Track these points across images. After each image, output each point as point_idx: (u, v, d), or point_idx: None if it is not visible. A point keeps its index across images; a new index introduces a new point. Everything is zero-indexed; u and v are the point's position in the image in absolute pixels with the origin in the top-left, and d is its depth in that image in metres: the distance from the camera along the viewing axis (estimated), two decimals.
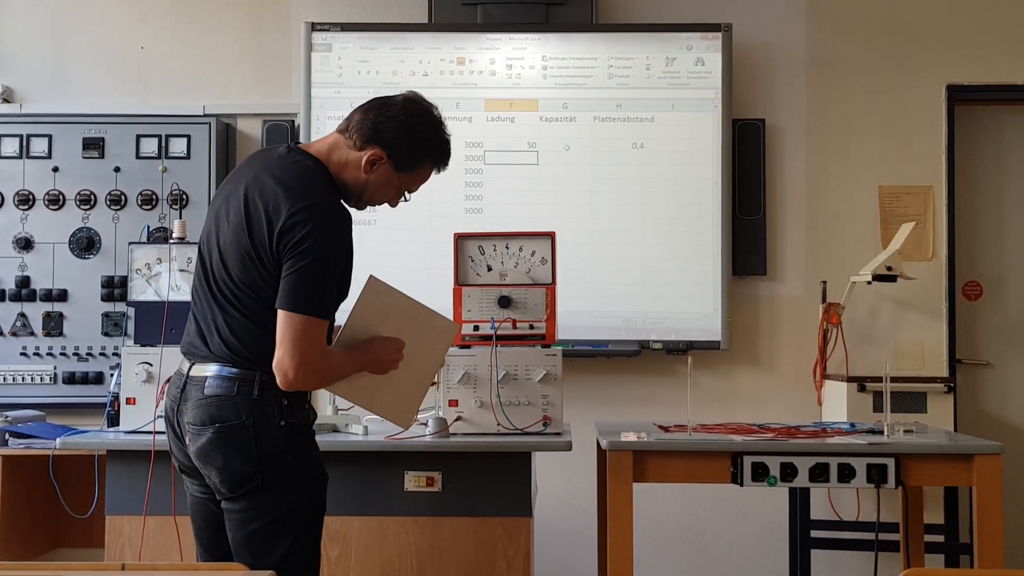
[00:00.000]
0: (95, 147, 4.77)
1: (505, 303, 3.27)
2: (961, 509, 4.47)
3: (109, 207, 4.77)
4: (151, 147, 4.77)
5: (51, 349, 4.73)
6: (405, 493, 3.17)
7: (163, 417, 2.77)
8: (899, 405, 4.19)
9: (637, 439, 3.17)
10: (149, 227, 3.77)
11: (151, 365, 3.21)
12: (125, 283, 4.25)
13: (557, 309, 3.31)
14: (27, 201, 4.77)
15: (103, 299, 4.75)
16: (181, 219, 3.43)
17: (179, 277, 3.29)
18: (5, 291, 4.74)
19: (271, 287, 2.56)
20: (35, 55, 4.98)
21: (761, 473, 3.11)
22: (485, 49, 4.80)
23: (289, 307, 2.52)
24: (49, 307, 4.74)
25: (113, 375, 3.61)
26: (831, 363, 4.70)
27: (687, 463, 3.17)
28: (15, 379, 4.71)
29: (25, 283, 4.74)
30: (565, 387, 3.28)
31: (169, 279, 3.29)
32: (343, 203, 2.68)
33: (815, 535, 4.42)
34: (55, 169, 4.78)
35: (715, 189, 4.73)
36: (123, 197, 4.77)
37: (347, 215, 2.63)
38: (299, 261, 2.52)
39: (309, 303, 2.52)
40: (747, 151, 4.81)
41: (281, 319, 2.52)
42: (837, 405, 4.44)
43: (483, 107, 4.78)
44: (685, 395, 3.53)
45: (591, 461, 3.99)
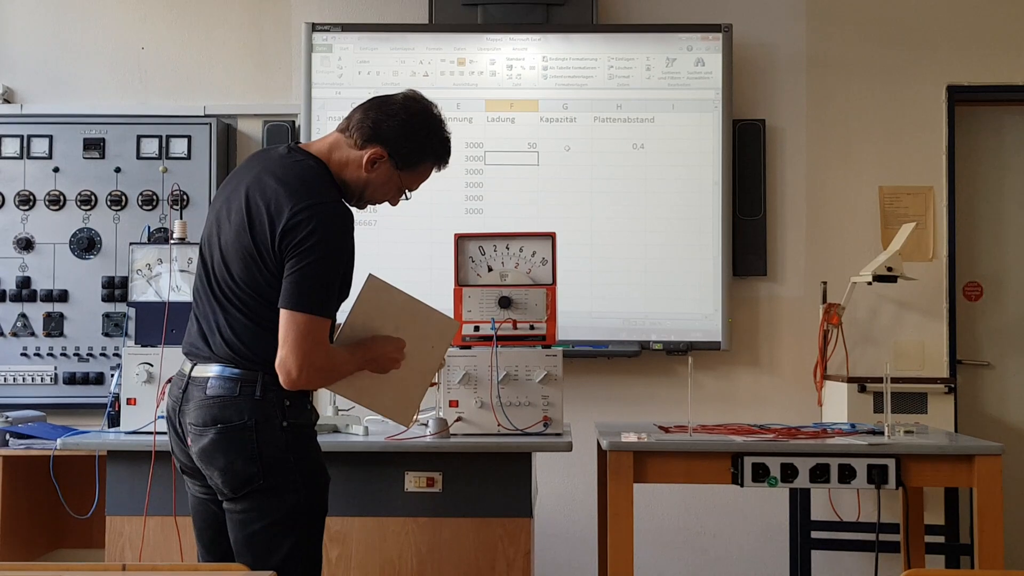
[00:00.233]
0: (96, 148, 4.77)
1: (505, 303, 3.27)
2: (962, 510, 4.47)
3: (110, 207, 4.77)
4: (152, 147, 4.77)
5: (52, 349, 4.73)
6: (405, 494, 3.17)
7: (164, 418, 2.77)
8: (899, 406, 4.20)
9: (637, 440, 3.17)
10: (150, 227, 3.77)
11: (152, 365, 3.21)
12: (126, 283, 4.25)
13: (557, 309, 3.31)
14: (28, 201, 4.77)
15: (104, 299, 4.75)
16: (182, 220, 3.43)
17: (179, 278, 3.29)
18: (6, 291, 4.75)
19: (273, 287, 2.56)
20: (36, 56, 4.98)
21: (761, 474, 3.11)
22: (485, 50, 4.80)
23: (291, 306, 2.52)
24: (50, 307, 4.74)
25: (114, 375, 3.61)
26: (831, 364, 4.70)
27: (687, 464, 3.17)
28: (16, 379, 4.71)
29: (26, 283, 4.75)
30: (565, 388, 3.28)
31: (170, 279, 3.29)
32: (345, 202, 2.69)
33: (815, 536, 4.42)
34: (56, 169, 4.78)
35: (715, 190, 4.73)
36: (124, 197, 4.77)
37: (349, 214, 2.63)
38: (301, 260, 2.52)
39: (312, 302, 2.52)
40: (747, 152, 4.81)
41: (284, 318, 2.52)
42: (837, 406, 4.44)
43: (483, 107, 4.78)
44: (685, 396, 3.53)
45: (591, 462, 3.99)
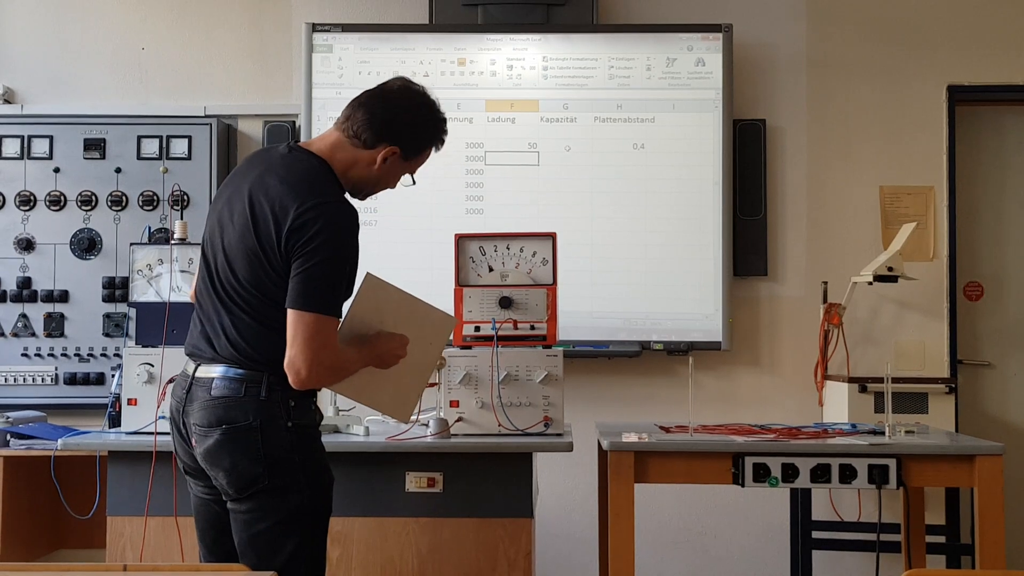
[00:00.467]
0: (96, 148, 4.77)
1: (506, 304, 3.27)
2: (962, 510, 4.47)
3: (110, 208, 4.77)
4: (152, 148, 4.77)
5: (52, 350, 4.73)
6: (406, 494, 3.17)
7: (165, 418, 2.77)
8: (900, 406, 4.19)
9: (638, 440, 3.17)
10: (150, 228, 3.76)
11: (152, 366, 3.21)
12: (126, 284, 4.24)
13: (558, 310, 3.31)
14: (28, 202, 4.77)
15: (104, 300, 4.75)
16: (182, 220, 3.43)
17: (180, 278, 3.29)
18: (6, 292, 4.75)
19: (279, 287, 2.56)
20: (36, 56, 4.98)
21: (762, 474, 3.11)
22: (486, 50, 4.80)
23: (299, 306, 2.52)
24: (50, 308, 4.74)
25: (114, 376, 3.61)
26: (832, 364, 4.70)
27: (688, 464, 3.17)
28: (16, 380, 4.71)
29: (26, 284, 4.75)
30: (566, 388, 3.28)
31: (170, 280, 3.29)
32: (349, 201, 2.68)
33: (816, 536, 4.42)
34: (56, 170, 4.78)
35: (716, 190, 4.73)
36: (124, 198, 4.77)
37: (355, 213, 2.63)
38: (308, 260, 2.52)
39: (320, 301, 2.53)
40: (748, 152, 4.80)
41: (291, 318, 2.52)
42: (838, 406, 4.44)
43: (484, 108, 4.78)
44: (686, 396, 3.53)
45: (592, 462, 3.99)
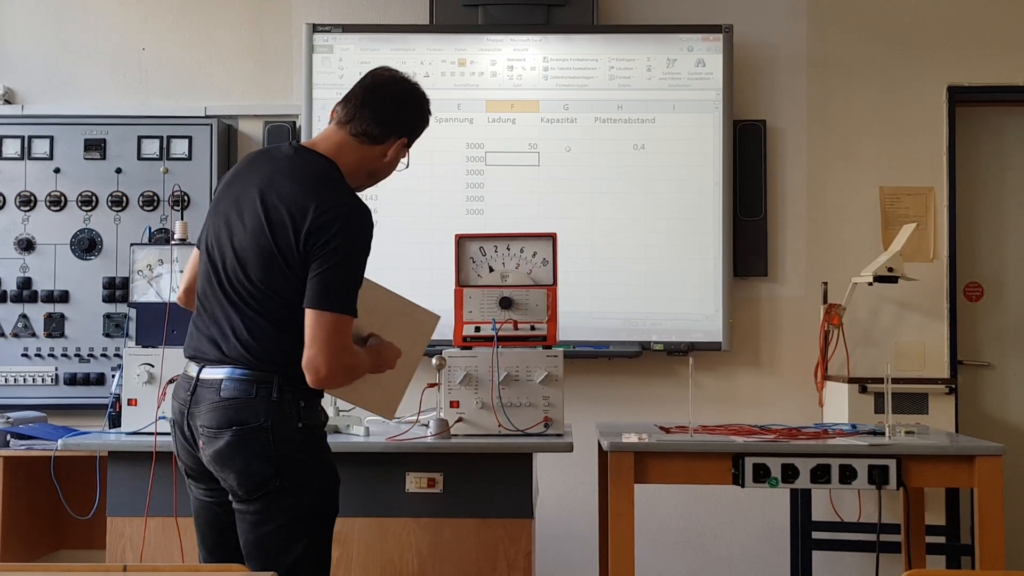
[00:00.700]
0: (96, 148, 4.77)
1: (506, 304, 3.27)
2: (962, 510, 4.47)
3: (110, 208, 4.77)
4: (152, 148, 4.78)
5: (52, 350, 4.73)
6: (406, 494, 3.17)
7: (166, 418, 2.77)
8: (900, 406, 4.20)
9: (638, 440, 3.17)
10: (150, 228, 3.77)
11: (152, 366, 3.21)
12: (126, 284, 4.26)
13: (558, 310, 3.31)
14: (29, 202, 4.77)
15: (104, 300, 4.75)
16: (183, 220, 3.43)
17: (180, 278, 3.29)
18: (7, 292, 4.75)
19: (295, 287, 2.56)
20: (36, 56, 4.98)
21: (762, 474, 3.11)
22: (486, 50, 4.80)
23: (320, 306, 2.53)
24: (51, 308, 4.74)
25: (114, 376, 3.61)
26: (832, 364, 4.70)
27: (688, 464, 3.18)
28: (16, 380, 4.71)
29: (27, 284, 4.75)
30: (566, 388, 3.28)
31: (170, 280, 3.29)
32: (363, 201, 2.69)
33: (816, 536, 4.42)
34: (56, 170, 4.78)
35: (716, 190, 4.73)
36: (124, 198, 4.77)
37: (369, 212, 2.65)
38: (328, 260, 2.53)
39: (339, 301, 2.54)
40: (748, 152, 4.80)
41: (311, 318, 2.53)
42: (838, 406, 4.44)
43: (484, 108, 4.78)
44: (686, 396, 3.53)
45: (592, 462, 3.99)
